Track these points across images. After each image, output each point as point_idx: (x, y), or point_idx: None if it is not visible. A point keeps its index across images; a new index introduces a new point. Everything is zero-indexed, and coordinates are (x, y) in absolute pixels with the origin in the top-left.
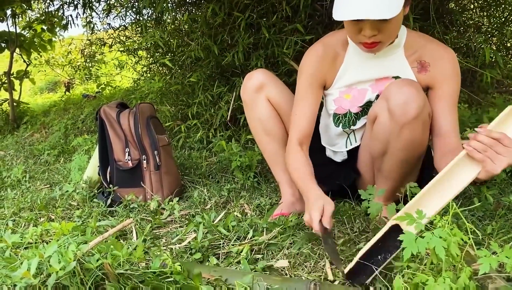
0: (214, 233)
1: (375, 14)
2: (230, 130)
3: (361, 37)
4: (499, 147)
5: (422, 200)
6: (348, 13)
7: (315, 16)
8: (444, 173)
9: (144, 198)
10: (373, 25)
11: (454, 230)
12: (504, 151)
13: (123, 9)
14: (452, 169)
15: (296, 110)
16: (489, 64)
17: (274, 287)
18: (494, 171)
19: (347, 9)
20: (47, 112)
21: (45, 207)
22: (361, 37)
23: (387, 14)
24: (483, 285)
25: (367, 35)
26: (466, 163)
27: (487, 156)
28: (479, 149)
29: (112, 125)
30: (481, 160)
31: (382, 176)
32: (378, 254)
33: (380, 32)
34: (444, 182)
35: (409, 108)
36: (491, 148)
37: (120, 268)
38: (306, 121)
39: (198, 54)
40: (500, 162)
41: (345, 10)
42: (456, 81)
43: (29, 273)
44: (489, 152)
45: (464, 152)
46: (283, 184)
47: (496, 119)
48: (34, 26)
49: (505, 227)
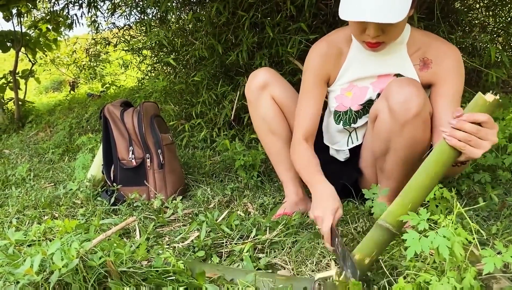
0: (217, 231)
1: (380, 17)
2: (234, 129)
3: (365, 36)
4: (482, 132)
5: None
6: (355, 14)
7: (319, 15)
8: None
9: (148, 196)
10: (377, 26)
11: (458, 229)
12: (486, 135)
13: (128, 8)
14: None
15: (301, 107)
16: (494, 63)
17: (278, 286)
18: (476, 156)
19: (354, 9)
20: (52, 111)
21: (49, 205)
22: (365, 36)
23: (393, 18)
24: (488, 285)
25: (371, 35)
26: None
27: (471, 144)
28: (462, 139)
29: (116, 123)
30: (462, 148)
31: (384, 176)
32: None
33: (384, 33)
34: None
35: (410, 106)
36: (474, 135)
37: (123, 266)
38: (311, 117)
39: (202, 53)
40: (483, 146)
41: (351, 9)
42: (460, 79)
43: (31, 270)
44: (472, 140)
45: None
46: (287, 183)
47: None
48: (39, 25)
49: (510, 227)
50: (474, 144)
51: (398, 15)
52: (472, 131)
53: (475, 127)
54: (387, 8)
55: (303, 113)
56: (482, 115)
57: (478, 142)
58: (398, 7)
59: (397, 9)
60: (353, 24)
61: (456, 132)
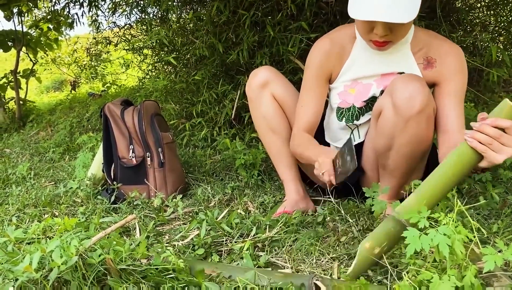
0: (217, 230)
1: (392, 17)
2: (235, 128)
3: (373, 35)
4: (504, 138)
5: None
6: (366, 13)
7: (320, 14)
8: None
9: (148, 195)
10: (386, 26)
11: (459, 227)
12: (509, 141)
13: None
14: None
15: (302, 102)
16: (496, 63)
17: (277, 283)
18: (496, 161)
19: (365, 8)
20: (53, 111)
21: (49, 204)
22: (373, 35)
23: (404, 18)
24: (488, 283)
25: (379, 34)
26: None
27: (492, 148)
28: (483, 142)
29: (116, 122)
30: (483, 151)
31: (386, 173)
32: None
33: (392, 33)
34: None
35: (414, 102)
36: (497, 140)
37: (122, 263)
38: (311, 113)
39: (203, 52)
40: (505, 152)
41: (363, 8)
42: (463, 77)
43: (30, 267)
44: (494, 144)
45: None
46: (287, 182)
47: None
48: (40, 25)
49: (511, 226)
50: (496, 148)
51: (409, 14)
52: (494, 135)
53: (498, 132)
54: (398, 7)
55: (304, 109)
56: (506, 121)
57: (499, 147)
58: (409, 6)
59: (408, 8)
60: (360, 23)
61: (478, 134)
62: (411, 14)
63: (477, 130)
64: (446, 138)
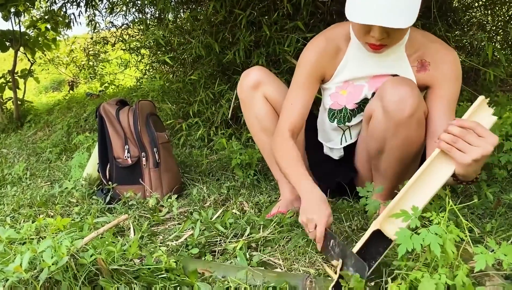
0: (212, 230)
1: (391, 22)
2: (231, 128)
3: (369, 38)
4: (471, 137)
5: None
6: (365, 17)
7: (316, 14)
8: (421, 172)
9: (143, 195)
10: (383, 29)
11: (450, 227)
12: (477, 141)
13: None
14: (429, 167)
15: (291, 99)
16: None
17: (270, 282)
18: (464, 162)
19: (363, 12)
20: (50, 111)
21: (45, 204)
22: (369, 38)
23: (403, 23)
24: (481, 282)
25: (376, 37)
26: (442, 159)
27: (457, 147)
28: (448, 141)
29: (111, 122)
30: (448, 151)
31: (379, 175)
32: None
33: (389, 36)
34: (423, 181)
35: (404, 106)
36: (462, 139)
37: (114, 264)
38: (299, 111)
39: (199, 52)
40: (472, 152)
41: (361, 12)
42: (457, 84)
43: (20, 267)
44: (459, 143)
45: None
46: (282, 182)
47: (468, 111)
48: (38, 25)
49: (505, 225)
50: (461, 147)
51: (408, 19)
52: (459, 134)
53: (462, 131)
54: (397, 12)
55: (292, 107)
56: (470, 122)
57: (465, 146)
58: (408, 11)
59: (407, 13)
60: (357, 25)
61: (443, 134)
62: (410, 19)
63: (444, 131)
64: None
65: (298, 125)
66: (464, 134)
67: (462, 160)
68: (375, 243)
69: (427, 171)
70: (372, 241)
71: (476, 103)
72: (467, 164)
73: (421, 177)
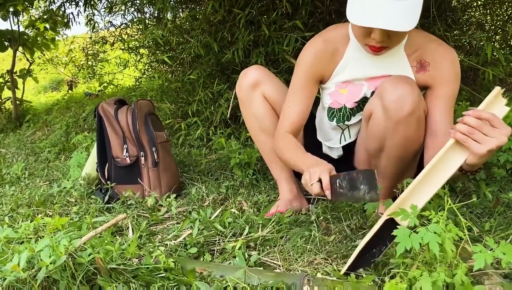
0: (210, 229)
1: (393, 25)
2: (230, 127)
3: (369, 40)
4: (486, 128)
5: (414, 192)
6: (367, 20)
7: (315, 13)
8: (435, 163)
9: (142, 194)
10: (384, 32)
11: (449, 225)
12: (492, 132)
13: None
14: (442, 157)
15: (289, 102)
16: (491, 62)
17: (268, 282)
18: (479, 152)
19: (365, 14)
20: (49, 111)
21: (43, 204)
22: (369, 40)
23: (405, 26)
24: (479, 281)
25: (376, 40)
26: (455, 149)
27: (474, 138)
28: (465, 132)
29: (110, 121)
30: (464, 141)
31: (379, 174)
32: (373, 247)
33: (389, 39)
34: (435, 171)
35: (404, 104)
36: (478, 130)
37: (113, 263)
38: (298, 114)
39: (198, 51)
40: (487, 142)
41: (362, 14)
42: (456, 83)
43: (18, 266)
44: (476, 134)
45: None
46: (281, 181)
47: (484, 101)
48: (37, 24)
49: (503, 224)
50: (478, 138)
51: (410, 22)
52: (476, 125)
53: (479, 122)
54: (399, 15)
55: (290, 109)
56: (487, 113)
57: (482, 137)
58: (410, 14)
59: (409, 15)
60: (357, 27)
61: (460, 125)
62: (412, 22)
63: (459, 121)
64: (434, 142)
65: (298, 127)
66: (481, 125)
67: (478, 150)
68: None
69: (441, 161)
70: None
71: (492, 94)
72: (482, 155)
73: (435, 167)
